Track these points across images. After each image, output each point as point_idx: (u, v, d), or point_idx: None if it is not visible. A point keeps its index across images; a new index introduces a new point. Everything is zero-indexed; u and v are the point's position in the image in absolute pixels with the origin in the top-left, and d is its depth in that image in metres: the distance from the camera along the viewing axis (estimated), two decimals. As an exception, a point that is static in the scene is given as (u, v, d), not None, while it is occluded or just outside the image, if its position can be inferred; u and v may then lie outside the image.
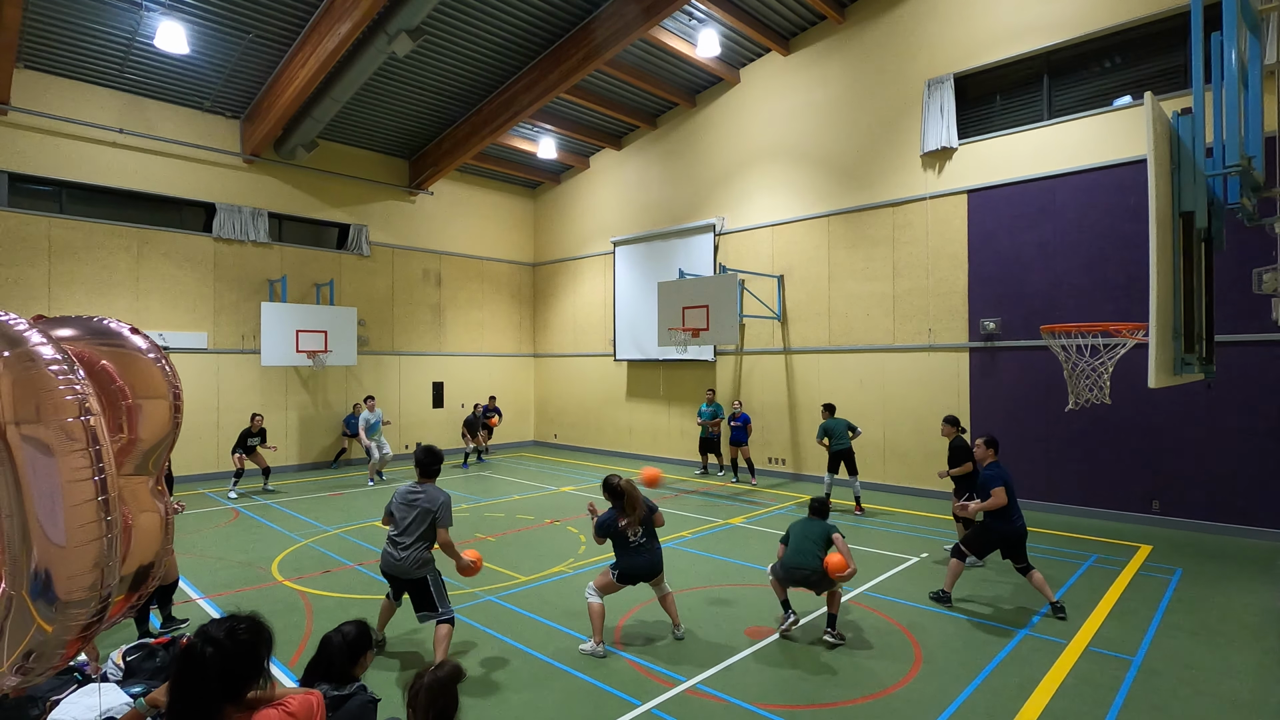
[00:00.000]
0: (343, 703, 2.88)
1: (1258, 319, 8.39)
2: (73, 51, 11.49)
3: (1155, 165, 3.72)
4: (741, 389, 14.44)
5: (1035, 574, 6.21)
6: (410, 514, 5.04)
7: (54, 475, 2.19)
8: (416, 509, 5.05)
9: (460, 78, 13.83)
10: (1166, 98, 8.99)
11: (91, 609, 2.30)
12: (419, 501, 5.07)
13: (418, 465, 5.24)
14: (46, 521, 2.18)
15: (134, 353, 2.92)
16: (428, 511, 5.04)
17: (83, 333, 2.86)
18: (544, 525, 9.77)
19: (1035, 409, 10.44)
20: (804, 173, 13.35)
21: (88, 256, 12.31)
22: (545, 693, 4.73)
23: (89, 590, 2.26)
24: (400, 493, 5.18)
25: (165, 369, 3.01)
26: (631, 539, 5.46)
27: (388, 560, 5.09)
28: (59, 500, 2.19)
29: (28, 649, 2.25)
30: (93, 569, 2.26)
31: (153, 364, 2.95)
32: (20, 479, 2.17)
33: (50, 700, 3.77)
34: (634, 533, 5.46)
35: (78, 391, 2.29)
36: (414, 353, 17.02)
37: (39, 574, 2.19)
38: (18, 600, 2.21)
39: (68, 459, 2.21)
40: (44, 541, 2.18)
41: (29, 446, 2.17)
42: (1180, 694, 4.66)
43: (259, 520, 10.07)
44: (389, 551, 5.07)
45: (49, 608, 2.22)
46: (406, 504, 5.09)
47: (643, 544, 5.50)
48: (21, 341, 2.28)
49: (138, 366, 2.89)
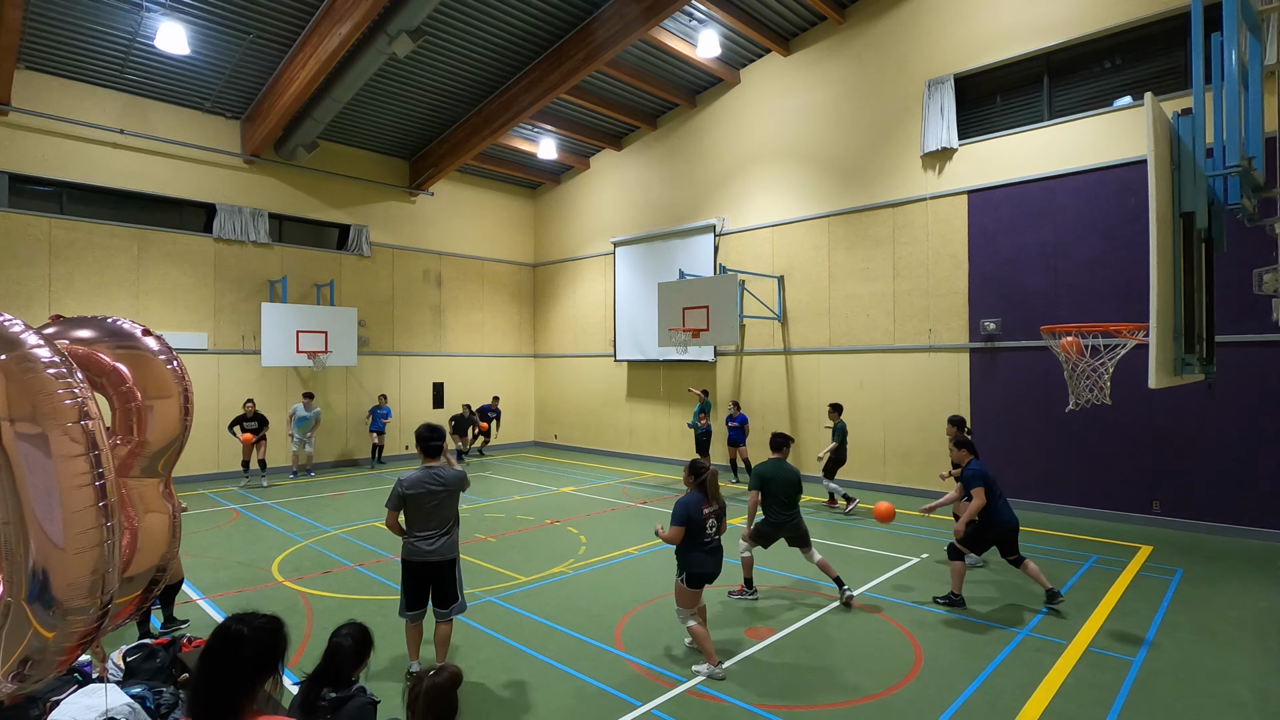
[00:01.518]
0: (343, 704, 2.88)
1: (1258, 319, 8.39)
2: (73, 52, 11.50)
3: (1155, 165, 3.72)
4: (741, 389, 14.44)
5: (1029, 564, 6.30)
6: (441, 497, 4.78)
7: (53, 480, 2.17)
8: (446, 490, 4.80)
9: (460, 78, 13.84)
10: (1166, 98, 8.99)
11: (91, 615, 2.28)
12: (448, 482, 4.83)
13: (422, 444, 4.90)
14: (47, 528, 2.16)
15: (146, 354, 2.91)
16: (456, 491, 4.90)
17: (99, 334, 2.87)
18: (544, 526, 9.76)
19: (1035, 409, 10.44)
20: (804, 173, 13.35)
21: (88, 256, 12.31)
22: (545, 693, 4.73)
23: (88, 596, 2.24)
24: (416, 480, 4.75)
25: (176, 370, 3.01)
26: (708, 534, 5.08)
27: (423, 550, 4.75)
28: (57, 506, 2.16)
29: (24, 655, 2.22)
30: (92, 575, 2.23)
31: (164, 365, 2.95)
32: (19, 484, 2.14)
33: (50, 701, 3.77)
34: (711, 526, 5.10)
35: (76, 395, 2.26)
36: (414, 353, 17.02)
37: (37, 581, 2.17)
38: (15, 607, 2.19)
39: (67, 464, 2.19)
40: (44, 548, 2.16)
41: (27, 450, 2.15)
42: (1181, 694, 4.66)
43: (259, 520, 10.07)
44: (421, 544, 4.75)
45: (47, 613, 2.19)
46: (435, 487, 4.76)
47: (718, 544, 5.18)
48: (19, 344, 2.25)
49: (150, 368, 2.89)
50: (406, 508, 4.76)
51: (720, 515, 5.16)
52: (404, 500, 4.74)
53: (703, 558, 5.04)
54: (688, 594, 5.04)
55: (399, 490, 4.73)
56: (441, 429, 5.01)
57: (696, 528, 5.02)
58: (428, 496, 4.73)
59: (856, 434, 12.51)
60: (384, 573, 7.51)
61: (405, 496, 4.73)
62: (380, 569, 7.65)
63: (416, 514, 4.75)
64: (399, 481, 4.74)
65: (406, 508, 4.76)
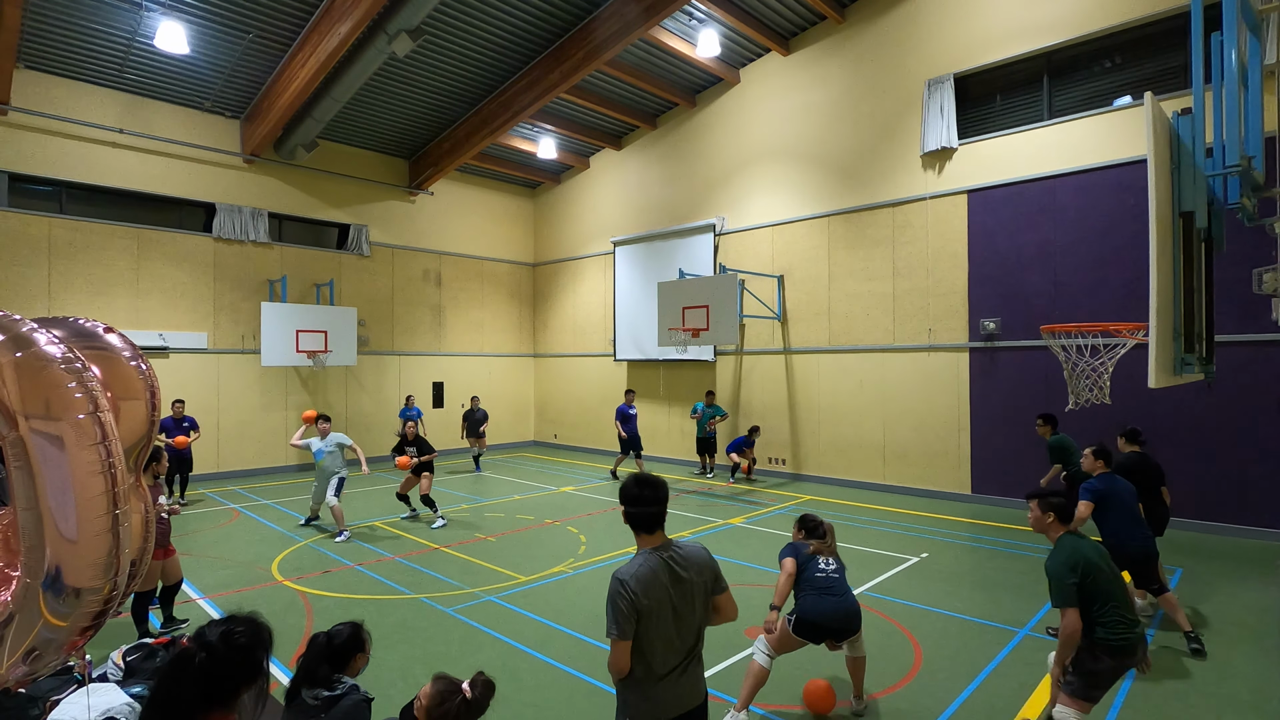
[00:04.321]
0: (335, 703, 2.87)
1: (1258, 319, 8.39)
2: (73, 51, 11.49)
3: (1155, 165, 3.72)
4: (741, 389, 14.44)
5: (1169, 596, 5.44)
6: (688, 594, 2.75)
7: (66, 470, 2.24)
8: (694, 583, 2.76)
9: (460, 78, 13.83)
10: (1166, 98, 8.99)
11: (102, 600, 2.35)
12: (697, 566, 2.79)
13: (638, 507, 2.75)
14: (59, 516, 2.24)
15: (112, 353, 2.92)
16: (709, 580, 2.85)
17: (67, 334, 2.87)
18: (544, 525, 9.77)
19: (1035, 409, 10.41)
20: (804, 173, 13.35)
21: (88, 256, 12.31)
22: (545, 693, 4.73)
23: (100, 581, 2.31)
24: (647, 576, 2.65)
25: (142, 369, 3.01)
26: (821, 568, 4.31)
27: (680, 697, 2.79)
28: (70, 494, 2.24)
29: (32, 645, 2.28)
30: (105, 561, 2.31)
31: (129, 364, 2.96)
32: (35, 474, 2.23)
33: (50, 700, 3.77)
34: (827, 562, 4.36)
35: (89, 388, 2.34)
36: (414, 353, 17.02)
37: (50, 568, 2.23)
38: (32, 589, 2.25)
39: (81, 454, 2.26)
40: (56, 536, 2.24)
41: (42, 442, 2.23)
42: (1180, 694, 4.66)
43: (259, 520, 10.07)
44: (671, 690, 2.74)
45: (58, 600, 2.26)
46: (679, 577, 2.72)
47: (833, 579, 4.29)
48: (31, 343, 2.32)
49: (116, 368, 2.90)
50: (640, 629, 2.63)
51: (837, 556, 4.50)
52: (638, 616, 2.61)
53: (816, 599, 4.21)
54: (790, 641, 4.30)
55: (630, 597, 2.59)
56: (664, 484, 2.82)
57: (807, 564, 4.34)
58: (671, 600, 2.68)
59: (857, 434, 12.54)
60: (384, 572, 7.51)
61: (641, 610, 2.60)
62: (380, 569, 7.65)
63: (655, 636, 2.65)
64: (622, 584, 2.62)
65: (640, 629, 2.63)
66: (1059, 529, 3.88)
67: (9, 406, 2.20)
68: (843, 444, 12.71)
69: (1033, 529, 3.98)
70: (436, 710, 2.46)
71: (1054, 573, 3.71)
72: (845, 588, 4.34)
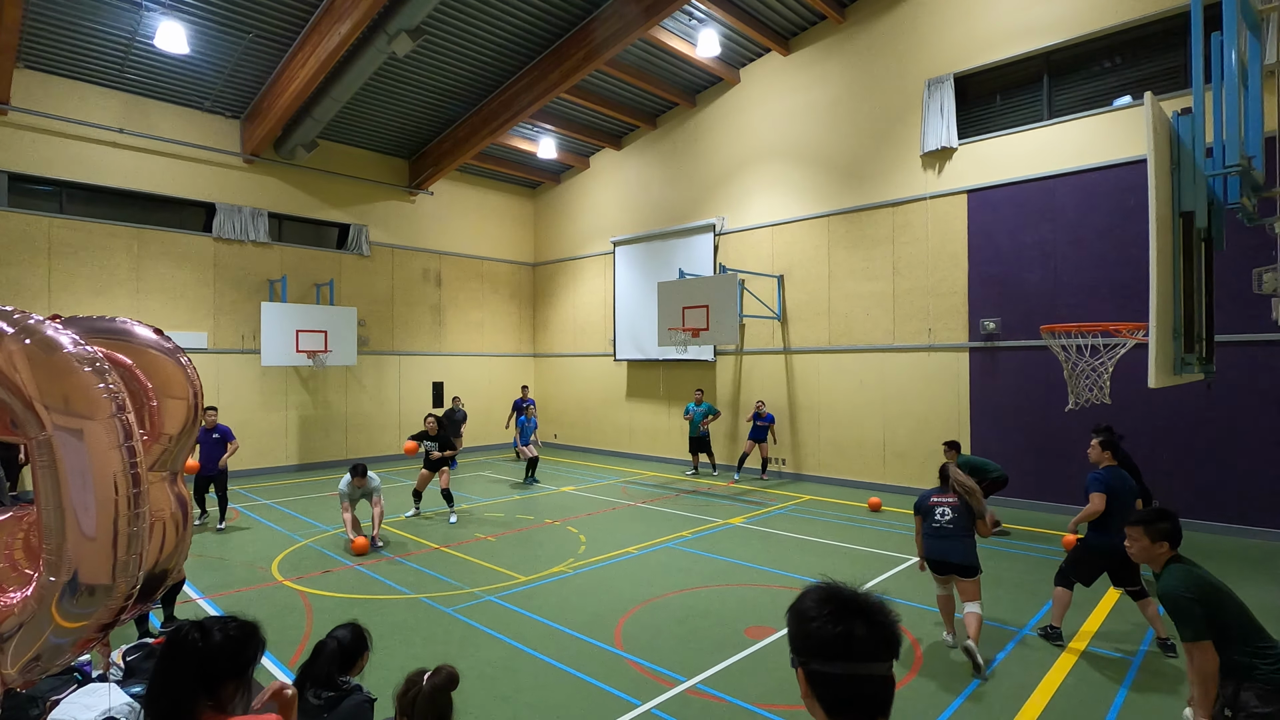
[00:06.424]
0: (338, 703, 2.87)
1: (1258, 319, 8.39)
2: (73, 51, 11.49)
3: (1155, 165, 3.72)
4: (741, 389, 14.45)
5: (1149, 603, 5.23)
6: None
7: (89, 471, 2.27)
8: None
9: (460, 78, 13.83)
10: (1166, 98, 8.99)
11: (118, 603, 2.37)
12: None
13: None
14: (81, 516, 2.26)
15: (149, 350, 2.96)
16: None
17: (110, 333, 2.91)
18: (544, 525, 9.77)
19: (1035, 409, 10.44)
20: (804, 173, 13.35)
21: (88, 256, 12.31)
22: (545, 693, 4.73)
23: (117, 583, 2.33)
24: None
25: (188, 368, 3.05)
26: (938, 519, 5.15)
27: None
28: (92, 495, 2.26)
29: (44, 645, 2.30)
30: (123, 563, 2.33)
31: (172, 363, 2.99)
32: (60, 476, 2.25)
33: (50, 700, 3.77)
34: (942, 512, 5.15)
35: (113, 390, 2.38)
36: (414, 353, 17.02)
37: (69, 566, 2.25)
38: (52, 588, 2.27)
39: (104, 455, 2.29)
40: (76, 536, 2.26)
41: (67, 442, 2.26)
42: (1180, 694, 4.66)
43: (259, 520, 10.07)
44: None
45: (73, 599, 2.28)
46: None
47: (949, 529, 5.14)
48: (57, 345, 2.35)
49: (160, 366, 2.94)
50: None
51: (960, 508, 5.18)
52: None
53: (932, 542, 5.22)
54: None
55: None
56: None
57: (927, 512, 5.29)
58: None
59: (857, 434, 12.54)
60: (384, 572, 7.51)
61: None
62: (380, 569, 7.65)
63: None
64: None
65: None
66: (1168, 555, 3.31)
67: (36, 404, 2.24)
68: (843, 444, 12.72)
69: (1135, 559, 3.44)
70: (402, 699, 2.52)
71: (1174, 598, 3.08)
72: (960, 534, 5.11)
